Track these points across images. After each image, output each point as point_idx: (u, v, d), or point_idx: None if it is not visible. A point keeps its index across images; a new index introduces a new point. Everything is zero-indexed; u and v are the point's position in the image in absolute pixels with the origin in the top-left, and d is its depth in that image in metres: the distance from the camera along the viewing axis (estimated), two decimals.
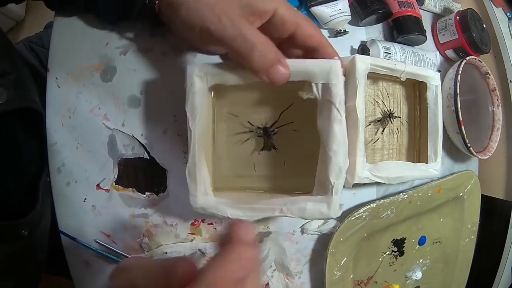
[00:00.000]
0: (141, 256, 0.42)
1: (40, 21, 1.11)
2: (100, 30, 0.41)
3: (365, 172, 0.41)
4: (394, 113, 0.48)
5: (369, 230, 0.48)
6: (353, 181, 0.41)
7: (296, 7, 0.47)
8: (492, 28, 0.63)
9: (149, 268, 0.24)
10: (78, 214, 0.42)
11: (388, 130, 0.49)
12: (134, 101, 0.42)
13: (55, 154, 0.42)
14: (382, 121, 0.48)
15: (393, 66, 0.44)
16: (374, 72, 0.44)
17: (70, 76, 0.42)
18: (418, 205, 0.52)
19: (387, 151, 0.49)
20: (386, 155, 0.49)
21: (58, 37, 0.42)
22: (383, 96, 0.48)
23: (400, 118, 0.50)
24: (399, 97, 0.50)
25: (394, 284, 0.56)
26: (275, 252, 0.45)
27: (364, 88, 0.41)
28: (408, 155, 0.51)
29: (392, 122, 0.48)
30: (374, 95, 0.48)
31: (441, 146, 0.49)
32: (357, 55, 0.41)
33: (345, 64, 0.42)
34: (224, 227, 0.39)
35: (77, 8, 0.39)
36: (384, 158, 0.49)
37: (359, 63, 0.41)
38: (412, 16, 0.51)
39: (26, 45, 0.70)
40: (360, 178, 0.41)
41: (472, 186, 0.58)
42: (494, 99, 0.59)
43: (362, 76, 0.41)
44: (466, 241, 0.60)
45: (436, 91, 0.48)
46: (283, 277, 0.47)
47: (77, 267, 0.43)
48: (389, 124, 0.48)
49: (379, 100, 0.48)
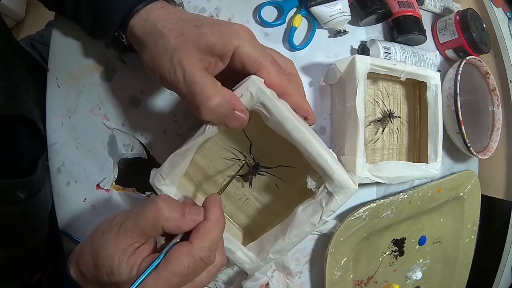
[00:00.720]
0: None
1: (40, 21, 1.11)
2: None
3: (365, 172, 0.41)
4: (394, 113, 0.48)
5: (369, 230, 0.48)
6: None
7: (296, 7, 0.47)
8: (492, 28, 0.63)
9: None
10: (78, 214, 0.42)
11: (388, 130, 0.49)
12: (134, 101, 0.42)
13: (55, 154, 0.42)
14: (382, 121, 0.48)
15: (393, 66, 0.44)
16: (374, 72, 0.44)
17: (70, 76, 0.42)
18: (418, 205, 0.52)
19: (387, 151, 0.49)
20: (386, 155, 0.49)
21: (58, 37, 0.42)
22: (383, 96, 0.48)
23: (400, 118, 0.50)
24: (399, 97, 0.50)
25: (394, 284, 0.56)
26: None
27: (364, 88, 0.41)
28: (408, 155, 0.51)
29: (392, 122, 0.48)
30: (374, 95, 0.48)
31: (441, 146, 0.49)
32: (356, 56, 0.41)
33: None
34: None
35: (66, 16, 0.39)
36: (384, 158, 0.49)
37: (359, 63, 0.41)
38: (412, 16, 0.51)
39: (28, 42, 0.70)
40: (360, 178, 0.41)
41: (472, 186, 0.58)
42: (494, 99, 0.59)
43: (362, 76, 0.41)
44: (466, 241, 0.60)
45: (436, 90, 0.48)
46: (283, 277, 0.46)
47: None
48: (389, 124, 0.48)
49: (379, 100, 0.48)
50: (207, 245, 0.27)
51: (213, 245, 0.27)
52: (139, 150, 0.42)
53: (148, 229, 0.27)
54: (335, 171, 0.32)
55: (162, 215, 0.27)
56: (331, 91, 0.48)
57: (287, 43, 0.46)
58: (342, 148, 0.44)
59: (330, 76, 0.45)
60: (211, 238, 0.27)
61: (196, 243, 0.27)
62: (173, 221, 0.27)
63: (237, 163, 0.39)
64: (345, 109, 0.43)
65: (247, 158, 0.39)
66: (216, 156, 0.40)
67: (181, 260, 0.26)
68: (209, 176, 0.40)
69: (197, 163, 0.40)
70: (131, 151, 0.42)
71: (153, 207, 0.27)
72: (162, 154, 0.42)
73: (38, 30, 0.80)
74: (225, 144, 0.39)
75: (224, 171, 0.40)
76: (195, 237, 0.27)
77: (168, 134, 0.42)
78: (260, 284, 0.44)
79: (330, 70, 0.45)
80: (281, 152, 0.39)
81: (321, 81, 0.46)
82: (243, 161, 0.39)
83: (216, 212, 0.29)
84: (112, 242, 0.27)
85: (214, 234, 0.28)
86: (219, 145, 0.39)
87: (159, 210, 0.27)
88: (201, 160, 0.40)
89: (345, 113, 0.43)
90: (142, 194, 0.42)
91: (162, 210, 0.27)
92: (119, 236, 0.27)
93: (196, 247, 0.26)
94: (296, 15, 0.46)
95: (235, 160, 0.39)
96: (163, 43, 0.30)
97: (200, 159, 0.40)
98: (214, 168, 0.40)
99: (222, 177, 0.40)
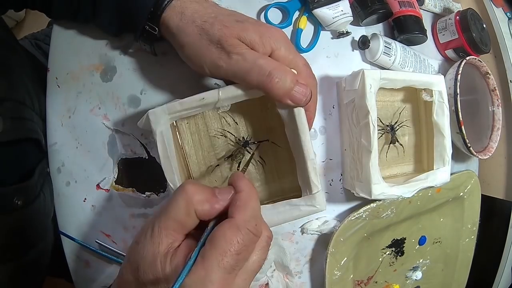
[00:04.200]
0: None
1: (40, 21, 1.11)
2: (100, 30, 0.41)
3: (380, 190, 0.41)
4: (394, 125, 0.48)
5: (369, 230, 0.48)
6: (370, 197, 0.41)
7: (299, 9, 0.47)
8: (492, 28, 0.63)
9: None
10: (78, 214, 0.42)
11: (393, 142, 0.48)
12: (134, 101, 0.42)
13: (55, 154, 0.42)
14: (385, 135, 0.48)
15: (402, 76, 0.43)
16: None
17: (70, 76, 0.42)
18: (418, 205, 0.51)
19: (394, 162, 0.49)
20: (394, 166, 0.49)
21: (58, 37, 0.42)
22: (380, 108, 0.48)
23: (404, 127, 0.50)
24: (397, 102, 0.50)
25: (394, 284, 0.56)
26: (274, 251, 0.45)
27: (375, 107, 0.40)
28: (416, 163, 0.51)
29: (395, 134, 0.48)
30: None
31: (449, 151, 0.47)
32: (365, 70, 0.40)
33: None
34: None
35: (77, 22, 0.39)
36: (393, 168, 0.49)
37: (368, 78, 0.40)
38: (413, 15, 0.51)
39: (32, 42, 0.69)
40: (375, 195, 0.41)
41: (472, 186, 0.58)
42: (494, 99, 0.59)
43: (372, 95, 0.40)
44: (466, 241, 0.60)
45: (442, 96, 0.47)
46: (283, 277, 0.46)
47: (77, 267, 0.43)
48: (393, 137, 0.48)
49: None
50: (250, 214, 0.25)
51: (256, 213, 0.26)
52: (139, 150, 0.42)
53: (182, 217, 0.25)
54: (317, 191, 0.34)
55: (194, 198, 0.25)
56: (339, 108, 0.47)
57: (294, 46, 0.46)
58: (359, 172, 0.43)
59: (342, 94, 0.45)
60: (252, 207, 0.26)
61: (238, 215, 0.24)
62: (206, 202, 0.25)
63: (229, 144, 0.40)
64: (359, 127, 0.42)
65: (236, 138, 0.40)
66: (206, 144, 0.40)
67: (228, 237, 0.23)
68: (203, 164, 0.40)
69: (189, 153, 0.40)
70: (131, 151, 0.42)
71: (182, 192, 0.25)
72: None
73: (42, 29, 0.78)
74: (212, 131, 0.40)
75: (218, 155, 0.40)
76: (235, 211, 0.25)
77: None
78: (260, 284, 0.44)
79: (339, 87, 0.45)
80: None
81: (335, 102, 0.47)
82: (233, 142, 0.40)
83: (246, 183, 0.27)
84: (150, 247, 0.24)
85: (253, 203, 0.26)
86: (206, 133, 0.40)
87: (188, 194, 0.25)
88: (192, 150, 0.40)
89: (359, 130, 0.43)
90: (142, 194, 0.42)
91: (192, 194, 0.25)
92: (154, 238, 0.24)
93: (240, 218, 0.24)
94: (301, 17, 0.46)
95: (227, 132, 0.40)
96: (207, 35, 0.31)
97: (190, 149, 0.40)
98: (206, 156, 0.40)
99: (216, 162, 0.40)
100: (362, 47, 0.48)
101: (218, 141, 0.40)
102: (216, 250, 0.23)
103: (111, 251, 0.42)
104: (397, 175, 0.50)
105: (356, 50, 0.50)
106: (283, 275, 0.47)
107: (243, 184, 0.27)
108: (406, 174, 0.51)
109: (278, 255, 0.45)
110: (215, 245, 0.23)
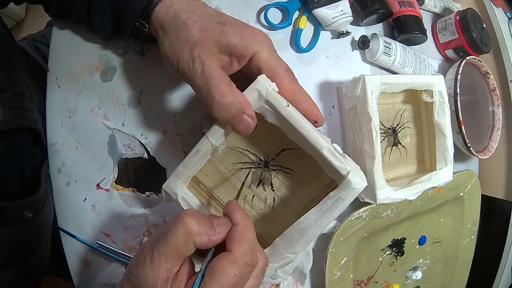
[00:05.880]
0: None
1: (40, 21, 1.11)
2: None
3: (385, 195, 0.41)
4: (396, 128, 0.48)
5: (369, 230, 0.48)
6: (376, 203, 0.41)
7: (298, 9, 0.47)
8: (492, 28, 0.63)
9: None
10: (78, 214, 0.42)
11: (395, 144, 0.48)
12: (134, 101, 0.42)
13: (55, 154, 0.42)
14: (388, 138, 0.47)
15: (402, 80, 0.43)
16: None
17: (70, 76, 0.42)
18: (418, 205, 0.52)
19: (397, 163, 0.49)
20: (397, 167, 0.49)
21: (58, 37, 0.42)
22: (381, 112, 0.47)
23: (406, 128, 0.49)
24: (398, 103, 0.50)
25: (394, 284, 0.56)
26: (300, 257, 0.45)
27: (377, 113, 0.40)
28: (419, 163, 0.51)
29: (397, 136, 0.48)
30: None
31: (451, 151, 0.47)
32: (366, 76, 0.40)
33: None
34: None
35: (71, 21, 0.38)
36: (396, 170, 0.49)
37: (369, 84, 0.39)
38: (413, 15, 0.51)
39: (30, 43, 0.69)
40: (381, 200, 0.41)
41: (472, 186, 0.58)
42: (494, 99, 0.59)
43: (373, 101, 0.40)
44: (466, 241, 0.60)
45: (442, 96, 0.47)
46: (293, 283, 0.46)
47: (77, 267, 0.43)
48: (395, 140, 0.48)
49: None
50: (246, 248, 0.26)
51: (252, 246, 0.27)
52: (139, 150, 0.42)
53: (181, 247, 0.26)
54: (347, 172, 0.32)
55: (192, 230, 0.26)
56: (340, 113, 0.47)
57: (294, 45, 0.46)
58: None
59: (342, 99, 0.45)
60: (248, 239, 0.27)
61: (235, 249, 0.26)
62: (205, 234, 0.26)
63: (246, 164, 0.39)
64: (362, 134, 0.42)
65: (255, 158, 0.39)
66: (226, 161, 0.40)
67: (226, 271, 0.25)
68: (221, 181, 0.40)
69: (209, 170, 0.40)
70: (131, 151, 0.42)
71: (181, 224, 0.26)
72: (162, 154, 0.42)
73: (40, 30, 0.79)
74: (236, 147, 0.39)
75: (236, 173, 0.40)
76: (232, 245, 0.26)
77: (168, 134, 0.42)
78: (273, 283, 0.44)
79: (339, 93, 0.45)
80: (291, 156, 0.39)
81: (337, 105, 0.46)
82: (251, 162, 0.39)
83: (242, 215, 0.28)
84: (150, 271, 0.25)
85: (249, 235, 0.27)
86: (228, 150, 0.39)
87: (188, 226, 0.26)
88: (222, 190, 0.40)
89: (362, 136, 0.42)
90: (142, 194, 0.42)
91: (192, 225, 0.26)
92: (154, 263, 0.26)
93: (237, 252, 0.26)
94: (301, 17, 0.46)
95: (244, 163, 0.39)
96: (186, 34, 0.30)
97: (210, 167, 0.40)
98: (224, 172, 0.40)
99: (234, 180, 0.40)
100: (362, 47, 0.48)
101: (240, 173, 0.40)
102: (215, 283, 0.24)
103: (111, 250, 0.42)
104: (400, 176, 0.50)
105: (356, 50, 0.50)
106: (294, 281, 0.46)
107: (239, 216, 0.28)
108: (409, 175, 0.50)
109: (302, 261, 0.45)
110: (214, 279, 0.25)
